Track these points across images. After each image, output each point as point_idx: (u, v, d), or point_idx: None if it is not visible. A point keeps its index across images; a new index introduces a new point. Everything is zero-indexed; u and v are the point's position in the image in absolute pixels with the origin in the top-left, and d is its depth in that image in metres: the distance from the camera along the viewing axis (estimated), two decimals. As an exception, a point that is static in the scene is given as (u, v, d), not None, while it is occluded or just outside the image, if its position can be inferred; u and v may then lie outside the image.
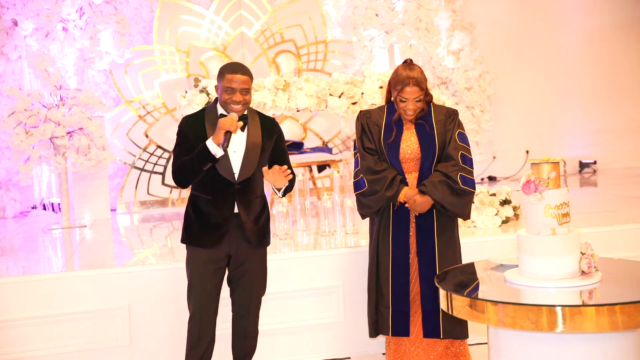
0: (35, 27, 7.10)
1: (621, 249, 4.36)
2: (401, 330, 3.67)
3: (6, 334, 3.92)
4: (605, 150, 9.45)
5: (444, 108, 3.68)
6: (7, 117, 6.33)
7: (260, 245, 3.46)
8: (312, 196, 6.63)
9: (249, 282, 3.46)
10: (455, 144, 3.59)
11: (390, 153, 3.60)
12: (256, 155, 3.37)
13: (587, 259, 2.69)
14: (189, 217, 3.42)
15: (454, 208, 3.56)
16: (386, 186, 3.54)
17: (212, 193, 3.35)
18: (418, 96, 3.51)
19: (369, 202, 3.63)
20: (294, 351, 4.22)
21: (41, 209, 7.99)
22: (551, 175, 2.72)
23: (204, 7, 8.24)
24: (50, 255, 5.33)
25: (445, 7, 8.49)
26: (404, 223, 3.64)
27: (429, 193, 3.51)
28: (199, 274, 3.40)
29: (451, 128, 3.61)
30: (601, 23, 9.52)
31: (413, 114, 3.56)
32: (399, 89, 3.52)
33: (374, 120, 3.66)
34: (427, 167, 3.60)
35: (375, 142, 3.64)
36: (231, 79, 3.28)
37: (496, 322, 2.53)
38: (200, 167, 3.26)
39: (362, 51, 7.97)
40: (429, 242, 3.61)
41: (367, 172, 3.62)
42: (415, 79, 3.48)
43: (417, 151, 3.59)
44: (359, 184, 3.65)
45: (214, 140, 3.22)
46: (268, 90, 5.62)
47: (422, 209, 3.56)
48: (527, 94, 9.24)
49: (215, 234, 3.35)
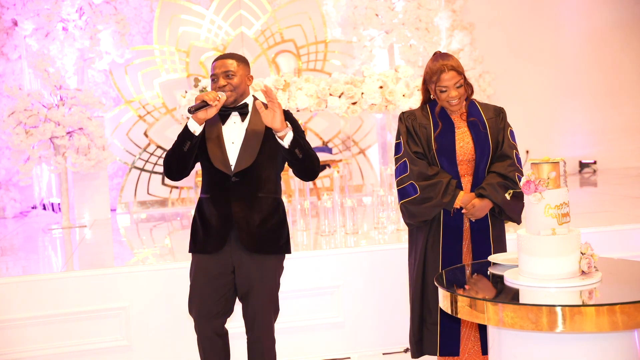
0: (35, 27, 7.10)
1: (621, 249, 4.36)
2: (451, 350, 3.34)
3: (6, 334, 3.91)
4: (605, 150, 9.46)
5: (491, 105, 3.45)
6: (7, 117, 6.34)
7: (261, 252, 3.08)
8: (312, 196, 6.63)
9: (256, 301, 3.10)
10: (509, 142, 3.36)
11: (445, 155, 3.31)
12: (257, 143, 3.05)
13: (587, 259, 2.69)
14: (195, 223, 3.15)
15: (511, 212, 3.30)
16: (442, 192, 3.24)
17: (210, 190, 3.09)
18: (457, 81, 3.22)
19: (422, 210, 3.30)
20: (294, 351, 4.22)
21: (41, 209, 7.99)
22: (551, 175, 2.71)
23: (204, 7, 8.24)
24: (50, 255, 5.32)
25: (445, 7, 8.50)
26: (456, 231, 3.34)
27: (490, 196, 3.25)
28: (200, 282, 3.10)
29: (503, 126, 3.38)
30: (601, 23, 9.52)
31: (458, 102, 3.27)
32: (435, 80, 3.24)
33: (420, 122, 3.35)
34: (482, 169, 3.33)
35: (423, 145, 3.34)
36: (213, 66, 3.08)
37: (496, 322, 2.53)
38: (181, 148, 2.99)
39: (362, 51, 7.97)
40: (486, 251, 3.32)
41: (419, 178, 3.29)
42: (449, 64, 3.22)
43: (472, 151, 3.31)
44: (406, 191, 3.33)
45: (192, 116, 2.98)
46: (268, 90, 5.62)
47: (481, 214, 3.29)
48: (527, 94, 9.25)
49: (217, 238, 3.06)
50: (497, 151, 3.37)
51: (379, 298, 4.29)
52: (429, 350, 3.39)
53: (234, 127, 3.09)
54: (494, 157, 3.36)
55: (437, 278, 2.96)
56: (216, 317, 3.12)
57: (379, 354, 4.26)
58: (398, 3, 7.92)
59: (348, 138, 8.29)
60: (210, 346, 3.14)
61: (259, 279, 3.09)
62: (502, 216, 3.37)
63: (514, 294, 2.67)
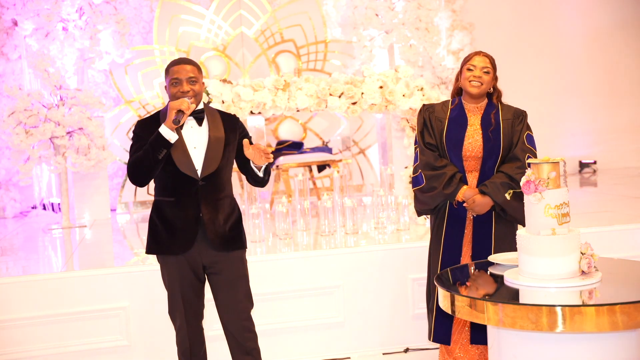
0: (35, 27, 7.09)
1: (621, 249, 4.36)
2: (442, 338, 3.48)
3: (6, 334, 3.92)
4: (605, 150, 9.46)
5: (513, 108, 3.53)
6: (7, 117, 6.34)
7: (229, 249, 3.22)
8: (312, 196, 6.63)
9: (231, 296, 3.24)
10: (523, 145, 3.42)
11: (452, 149, 3.43)
12: (219, 149, 3.18)
13: (587, 259, 2.69)
14: (155, 225, 3.22)
15: (514, 213, 3.35)
16: (444, 183, 3.37)
17: (175, 194, 3.17)
18: (486, 67, 3.40)
19: (426, 198, 3.46)
20: (294, 351, 4.22)
21: (41, 209, 7.99)
22: (551, 175, 2.72)
23: (204, 7, 8.24)
24: (50, 255, 5.33)
25: (445, 7, 8.49)
26: (459, 224, 3.45)
27: (490, 194, 3.34)
28: (178, 284, 3.22)
29: (519, 129, 3.46)
30: (601, 23, 9.52)
31: (479, 86, 3.38)
32: (467, 59, 3.42)
33: (437, 115, 3.49)
34: (489, 167, 3.42)
35: (436, 138, 3.47)
36: (176, 70, 3.13)
37: (496, 322, 2.53)
38: (155, 155, 3.05)
39: (362, 51, 7.96)
40: (486, 248, 3.41)
41: (425, 168, 3.44)
42: (485, 53, 3.45)
43: (480, 149, 3.41)
44: (417, 180, 3.49)
45: (165, 124, 3.05)
46: (268, 90, 5.62)
47: (481, 210, 3.38)
48: (527, 94, 9.23)
49: (184, 239, 3.16)
50: (510, 152, 3.42)
51: (379, 298, 4.29)
52: (429, 335, 3.56)
53: (192, 132, 3.20)
54: (505, 158, 3.42)
55: (437, 278, 2.96)
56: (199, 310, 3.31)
57: (379, 353, 4.27)
58: (398, 3, 7.91)
59: (348, 138, 8.29)
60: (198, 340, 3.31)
61: (233, 273, 3.24)
62: (506, 216, 3.41)
63: (514, 294, 2.67)
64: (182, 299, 3.24)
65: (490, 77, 3.43)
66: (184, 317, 3.26)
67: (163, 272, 3.30)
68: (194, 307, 3.28)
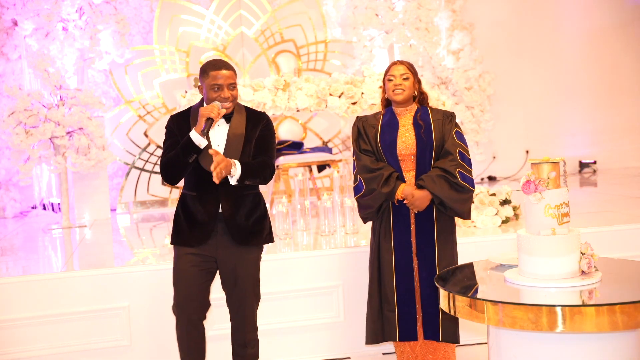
0: (35, 27, 7.10)
1: (621, 249, 4.36)
2: (409, 335, 3.57)
3: (6, 334, 3.92)
4: (605, 150, 9.46)
5: (441, 110, 3.70)
6: (7, 117, 6.34)
7: (247, 244, 3.31)
8: (312, 196, 6.63)
9: (241, 290, 3.35)
10: (453, 141, 3.56)
11: (387, 150, 3.58)
12: (239, 146, 3.26)
13: (587, 259, 2.69)
14: (179, 217, 3.35)
15: (453, 204, 3.50)
16: (382, 183, 3.50)
17: (197, 189, 3.28)
18: (405, 73, 3.56)
19: (367, 201, 3.59)
20: (294, 351, 4.22)
21: (41, 209, 7.99)
22: (551, 175, 2.72)
23: (204, 7, 8.24)
24: (50, 255, 5.33)
25: (445, 7, 8.49)
26: (404, 222, 3.58)
27: (427, 187, 3.47)
28: (184, 276, 3.31)
29: (449, 128, 3.59)
30: (601, 23, 9.52)
31: (401, 92, 3.55)
32: (387, 71, 3.61)
33: (370, 123, 3.66)
34: (424, 165, 3.55)
35: (371, 144, 3.63)
36: (216, 75, 3.22)
37: (496, 322, 2.53)
38: (185, 159, 3.17)
39: (362, 51, 7.97)
40: (429, 243, 3.55)
41: (363, 171, 3.59)
42: (401, 61, 3.64)
43: (414, 147, 3.55)
44: (358, 187, 3.61)
45: (195, 130, 3.16)
46: (268, 90, 5.63)
47: (421, 205, 3.49)
48: (527, 94, 9.24)
49: (202, 232, 3.27)
50: (442, 150, 3.57)
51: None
52: (389, 336, 3.62)
53: (218, 131, 3.28)
54: (439, 155, 3.57)
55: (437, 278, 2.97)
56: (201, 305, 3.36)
57: (379, 353, 4.27)
58: (398, 3, 7.92)
59: (348, 138, 8.29)
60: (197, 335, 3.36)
61: (244, 270, 3.32)
62: (447, 210, 3.55)
63: (514, 294, 2.67)
64: (188, 293, 3.30)
65: (411, 82, 3.58)
66: (188, 312, 3.31)
67: (175, 265, 3.36)
68: (199, 303, 3.34)
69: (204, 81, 3.28)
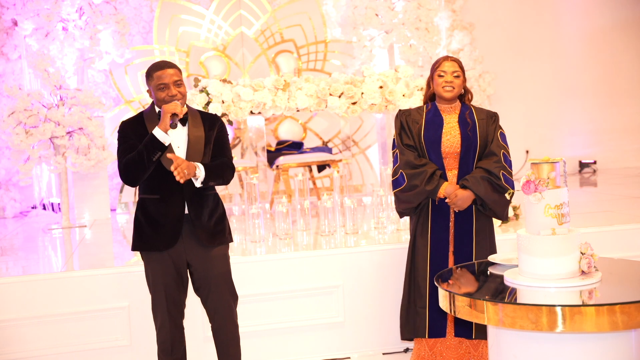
0: (35, 27, 7.09)
1: (621, 249, 4.37)
2: (438, 332, 3.58)
3: (6, 334, 3.92)
4: (605, 150, 9.45)
5: (485, 110, 3.70)
6: (7, 117, 6.33)
7: (214, 244, 3.34)
8: (312, 196, 6.63)
9: (217, 290, 3.37)
10: (497, 142, 3.57)
11: (431, 147, 3.54)
12: (200, 147, 3.31)
13: (587, 259, 2.69)
14: (139, 222, 3.33)
15: (494, 205, 3.50)
16: (426, 180, 3.48)
17: (160, 191, 3.28)
18: (456, 71, 3.52)
19: (408, 197, 3.55)
20: (294, 351, 4.22)
21: (41, 208, 7.99)
22: (551, 175, 2.72)
23: (204, 7, 8.24)
24: (50, 255, 5.33)
25: (445, 7, 8.49)
26: (443, 220, 3.57)
27: (472, 188, 3.46)
28: (161, 281, 3.32)
29: (493, 128, 3.60)
30: (601, 23, 9.52)
31: (451, 90, 3.53)
32: (436, 66, 3.55)
33: (414, 118, 3.62)
34: (467, 164, 3.54)
35: (414, 139, 3.59)
36: (161, 75, 3.25)
37: (496, 322, 2.53)
38: (150, 157, 3.18)
39: (362, 51, 7.96)
40: (468, 242, 3.54)
41: (406, 167, 3.55)
42: (453, 57, 3.57)
43: (458, 145, 3.53)
44: (398, 181, 3.58)
45: (160, 127, 3.18)
46: (268, 90, 5.63)
47: (463, 204, 3.49)
48: (527, 94, 9.24)
49: (168, 235, 3.27)
50: (485, 150, 3.56)
51: (379, 298, 4.29)
52: (419, 333, 3.62)
53: (175, 132, 3.29)
54: (482, 155, 3.55)
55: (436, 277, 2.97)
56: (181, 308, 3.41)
57: (379, 353, 4.27)
58: (398, 3, 7.91)
59: (348, 138, 8.29)
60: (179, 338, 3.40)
61: (217, 269, 3.35)
62: (486, 210, 3.54)
63: (514, 294, 2.67)
64: (165, 296, 3.33)
65: (461, 80, 3.56)
66: (167, 315, 3.34)
67: (147, 269, 3.39)
68: (177, 305, 3.38)
69: (150, 84, 3.30)
